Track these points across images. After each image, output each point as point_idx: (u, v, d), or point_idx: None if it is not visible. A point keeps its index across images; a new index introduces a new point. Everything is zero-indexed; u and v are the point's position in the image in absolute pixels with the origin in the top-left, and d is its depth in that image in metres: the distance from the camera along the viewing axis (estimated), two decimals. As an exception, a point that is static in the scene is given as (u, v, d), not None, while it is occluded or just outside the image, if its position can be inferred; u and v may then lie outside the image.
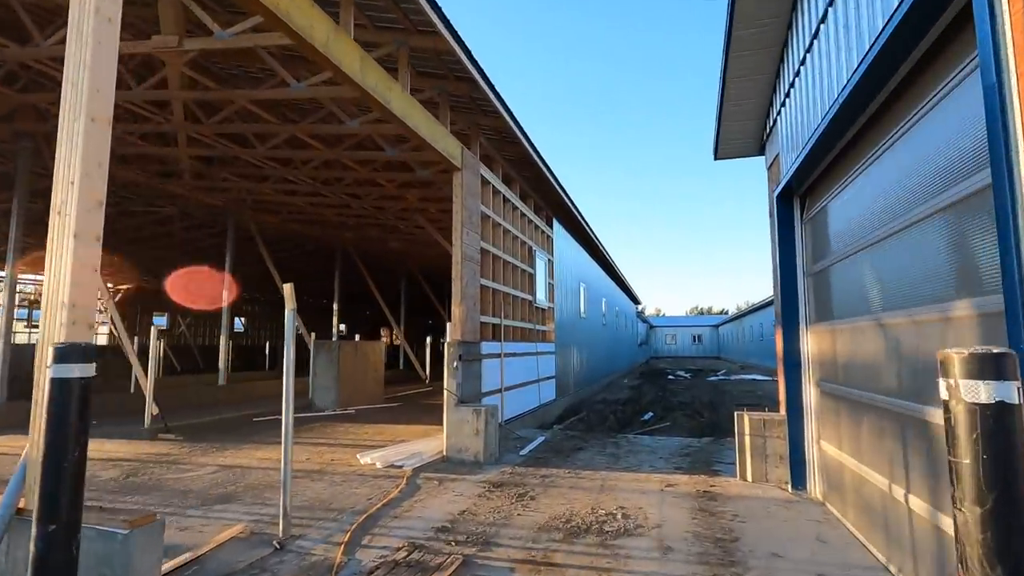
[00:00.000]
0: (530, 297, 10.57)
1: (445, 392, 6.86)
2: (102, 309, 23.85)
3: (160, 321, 28.38)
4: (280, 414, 4.38)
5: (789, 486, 5.40)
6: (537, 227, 11.53)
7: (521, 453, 7.25)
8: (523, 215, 10.46)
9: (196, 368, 25.23)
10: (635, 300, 37.12)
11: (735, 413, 6.06)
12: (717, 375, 27.26)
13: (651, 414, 12.13)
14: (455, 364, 6.84)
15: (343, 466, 6.55)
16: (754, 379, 24.15)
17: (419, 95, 6.81)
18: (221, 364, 14.32)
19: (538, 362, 10.78)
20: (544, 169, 9.92)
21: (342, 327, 33.90)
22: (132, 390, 12.43)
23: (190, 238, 19.13)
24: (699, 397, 16.22)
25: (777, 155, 5.82)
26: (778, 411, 6.05)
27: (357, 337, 17.91)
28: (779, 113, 5.59)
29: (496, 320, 8.57)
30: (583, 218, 14.32)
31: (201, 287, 20.91)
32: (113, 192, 13.49)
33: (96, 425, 9.79)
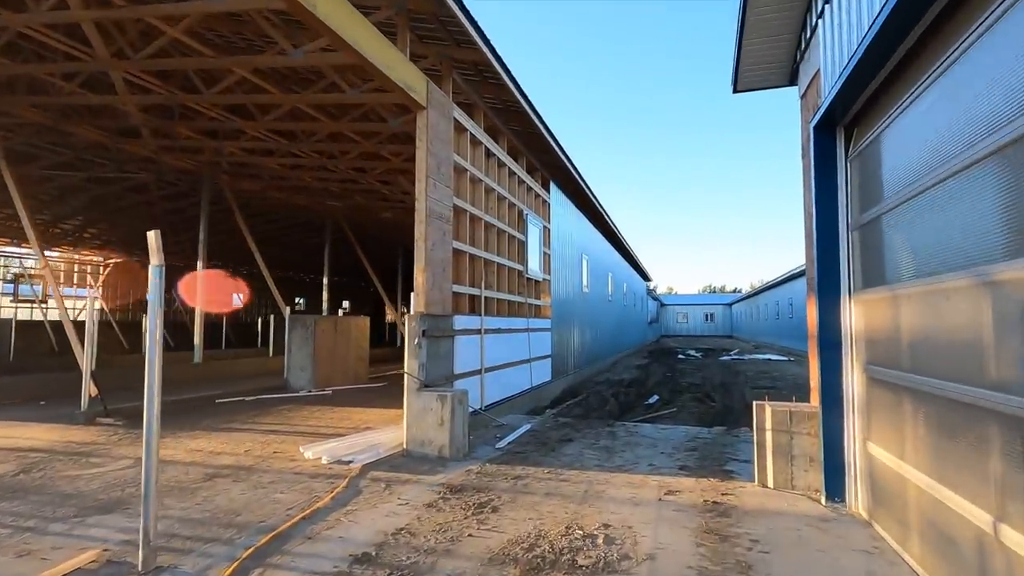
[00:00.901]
0: (520, 267, 9.40)
1: (405, 376, 5.77)
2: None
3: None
4: (250, 394, 3.33)
5: (822, 497, 4.26)
6: (530, 189, 10.30)
7: (498, 446, 6.17)
8: (512, 174, 9.24)
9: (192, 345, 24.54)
10: (645, 277, 35.80)
11: (755, 403, 4.90)
12: (730, 355, 26.04)
13: (656, 397, 11.01)
14: (416, 341, 5.73)
15: (283, 461, 5.52)
16: (769, 359, 22.90)
17: (373, 16, 5.58)
18: (196, 340, 13.39)
19: (530, 339, 9.66)
20: (534, 118, 8.66)
21: (345, 304, 33.05)
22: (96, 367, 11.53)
23: (174, 208, 18.13)
24: (710, 379, 15.07)
25: (815, 75, 4.54)
26: (808, 401, 4.88)
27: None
28: (822, 13, 4.28)
29: (475, 291, 7.43)
30: (585, 183, 13.04)
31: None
32: (78, 156, 12.53)
33: (42, 407, 8.90)
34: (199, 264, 13.53)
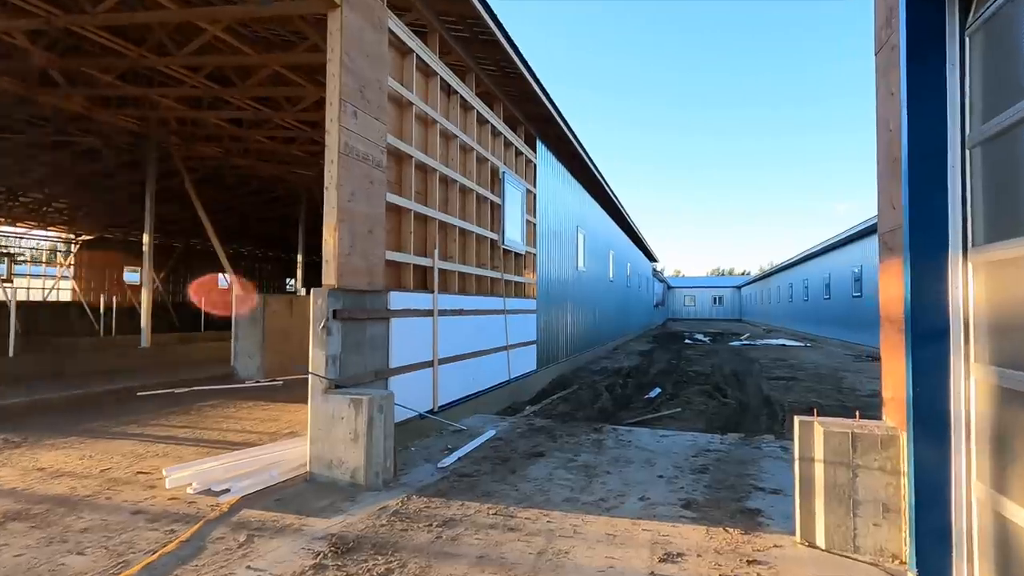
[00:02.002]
0: (494, 235, 7.80)
1: (310, 375, 4.22)
2: None
3: (133, 277, 26.28)
4: (188, 385, 1.89)
5: (909, 572, 2.70)
6: (509, 144, 8.65)
7: (443, 464, 4.64)
8: (484, 121, 7.59)
9: (172, 327, 23.20)
10: (651, 257, 34.08)
11: (796, 420, 3.30)
12: (740, 340, 24.41)
13: (659, 390, 9.45)
14: (323, 325, 4.17)
15: (137, 489, 4.01)
16: (783, 344, 21.26)
17: None
18: (143, 323, 11.93)
19: (507, 323, 8.09)
20: (510, 50, 6.98)
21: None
22: (11, 353, 10.14)
23: (135, 179, 16.61)
24: (720, 366, 13.48)
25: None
26: (880, 419, 3.30)
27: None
28: None
29: (423, 261, 5.85)
30: (581, 145, 11.35)
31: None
32: (6, 113, 11.02)
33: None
34: (145, 238, 12.02)
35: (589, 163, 12.54)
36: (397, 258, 5.29)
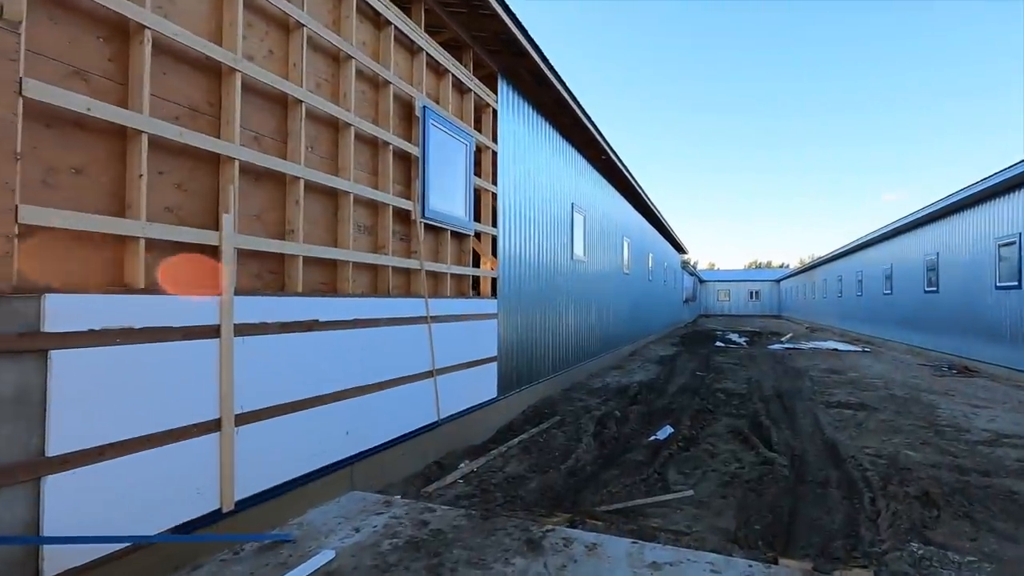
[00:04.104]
0: (403, 203, 5.08)
1: None
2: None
3: None
4: None
5: None
6: (441, 72, 5.90)
7: None
8: (383, 22, 4.88)
9: None
10: (679, 248, 30.82)
11: None
12: (781, 341, 21.12)
13: (670, 430, 6.61)
14: None
15: None
16: (835, 349, 17.92)
17: None
18: None
19: (434, 336, 5.39)
20: None
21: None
22: None
23: None
24: (759, 383, 10.49)
25: None
26: None
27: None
28: None
29: (201, 236, 3.17)
30: (570, 93, 8.52)
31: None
32: None
33: None
34: None
35: (586, 122, 9.68)
36: (97, 226, 2.63)
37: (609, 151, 11.72)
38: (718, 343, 19.99)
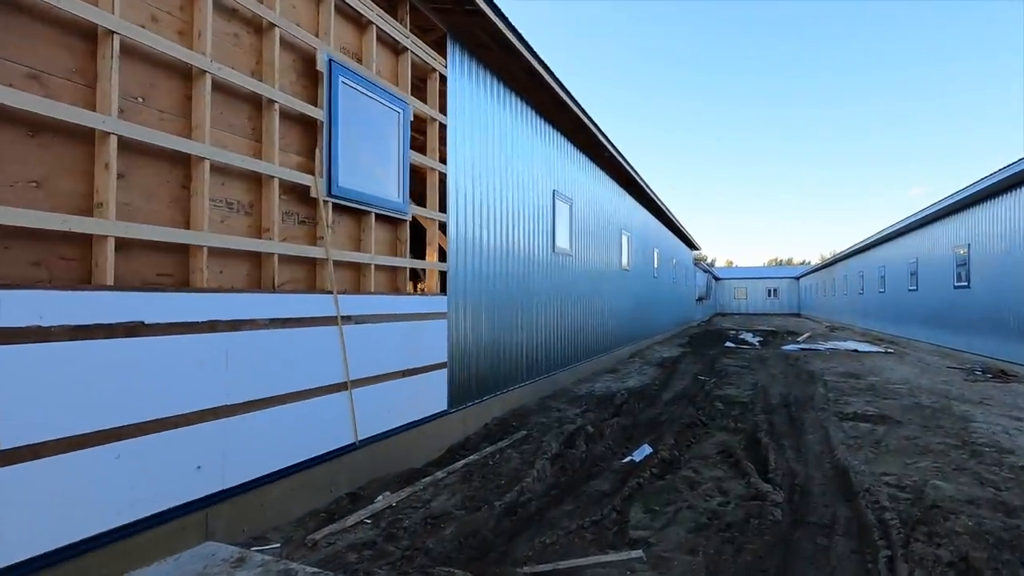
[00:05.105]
0: (301, 179, 4.13)
1: None
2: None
3: None
4: None
5: None
6: (363, 24, 4.93)
7: None
8: (270, -45, 3.94)
9: None
10: (691, 245, 29.54)
11: None
12: (797, 341, 19.81)
13: (648, 450, 5.57)
14: None
15: None
16: (855, 350, 16.60)
17: None
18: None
19: (347, 340, 4.43)
20: None
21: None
22: None
23: None
24: (766, 389, 9.37)
25: None
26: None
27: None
28: None
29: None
30: (542, 62, 7.50)
31: None
32: None
33: None
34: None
35: (569, 102, 8.64)
36: None
37: (606, 142, 10.66)
38: (728, 343, 18.77)
